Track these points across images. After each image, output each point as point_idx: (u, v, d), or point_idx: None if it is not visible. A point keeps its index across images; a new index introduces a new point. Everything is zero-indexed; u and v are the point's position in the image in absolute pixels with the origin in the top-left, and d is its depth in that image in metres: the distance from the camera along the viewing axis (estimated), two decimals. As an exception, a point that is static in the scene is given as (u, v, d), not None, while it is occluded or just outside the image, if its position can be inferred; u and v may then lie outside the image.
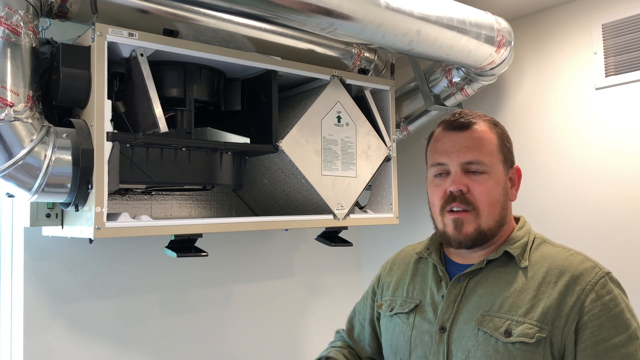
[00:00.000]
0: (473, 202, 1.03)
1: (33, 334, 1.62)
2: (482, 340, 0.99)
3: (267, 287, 2.22)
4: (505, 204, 1.07)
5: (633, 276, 1.84)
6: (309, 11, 1.37)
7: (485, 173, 1.04)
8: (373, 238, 2.64)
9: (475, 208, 1.03)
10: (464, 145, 1.05)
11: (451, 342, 1.03)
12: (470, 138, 1.06)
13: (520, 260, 1.04)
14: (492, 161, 1.05)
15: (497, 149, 1.06)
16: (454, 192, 1.04)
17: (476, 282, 1.06)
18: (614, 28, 1.95)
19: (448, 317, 1.05)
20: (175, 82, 1.53)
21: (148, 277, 1.88)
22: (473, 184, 1.03)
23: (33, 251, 1.63)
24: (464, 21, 1.68)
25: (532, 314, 0.97)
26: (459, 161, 1.05)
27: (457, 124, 1.08)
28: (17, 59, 1.25)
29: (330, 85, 1.78)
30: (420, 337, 1.08)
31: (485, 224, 1.04)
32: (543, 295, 0.98)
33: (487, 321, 1.00)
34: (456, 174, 1.04)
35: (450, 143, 1.07)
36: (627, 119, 1.91)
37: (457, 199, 1.04)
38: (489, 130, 1.07)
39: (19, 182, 1.25)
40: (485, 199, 1.03)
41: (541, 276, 1.01)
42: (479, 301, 1.03)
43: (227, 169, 1.58)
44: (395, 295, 1.20)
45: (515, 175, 1.10)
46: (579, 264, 1.00)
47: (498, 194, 1.05)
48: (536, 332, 0.95)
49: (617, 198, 1.92)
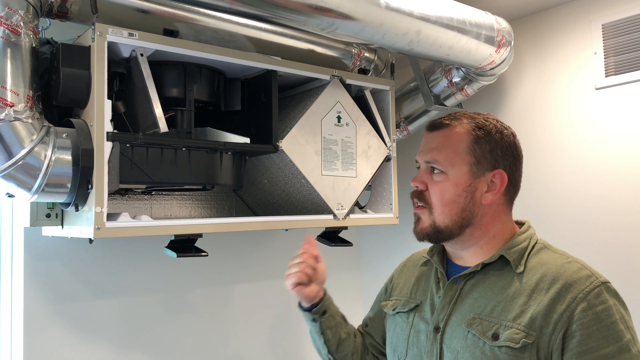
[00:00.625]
0: (427, 199, 1.09)
1: (33, 334, 1.62)
2: (471, 343, 1.00)
3: (267, 287, 2.22)
4: (469, 206, 1.06)
5: (633, 277, 1.84)
6: (309, 11, 1.37)
7: (443, 173, 1.07)
8: (373, 238, 2.64)
9: (429, 205, 1.08)
10: (430, 146, 1.11)
11: (443, 342, 1.04)
12: (436, 138, 1.11)
13: (517, 265, 1.04)
14: (453, 162, 1.06)
15: (464, 150, 1.06)
16: (413, 187, 1.12)
17: (472, 285, 1.07)
18: (614, 28, 1.95)
19: (442, 318, 1.07)
20: (175, 82, 1.53)
21: (148, 277, 1.88)
22: (431, 183, 1.09)
23: (33, 251, 1.63)
24: (464, 21, 1.68)
25: (520, 319, 0.97)
26: (422, 159, 1.11)
27: (431, 124, 1.13)
28: (17, 59, 1.25)
29: (330, 85, 1.78)
30: (417, 336, 1.11)
31: (440, 222, 1.07)
32: (534, 301, 0.98)
33: (476, 324, 1.01)
34: (419, 172, 1.12)
35: (424, 142, 1.14)
36: (627, 119, 1.91)
37: (415, 194, 1.11)
38: (463, 132, 1.08)
39: (19, 182, 1.25)
40: (438, 197, 1.07)
41: (534, 282, 1.01)
42: (472, 304, 1.04)
43: (227, 169, 1.58)
44: (400, 295, 1.24)
45: (497, 179, 1.07)
46: (574, 272, 0.99)
47: (454, 195, 1.06)
48: (522, 337, 0.95)
49: (617, 198, 1.92)
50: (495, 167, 1.07)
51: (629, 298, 1.03)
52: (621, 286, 1.04)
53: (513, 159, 1.10)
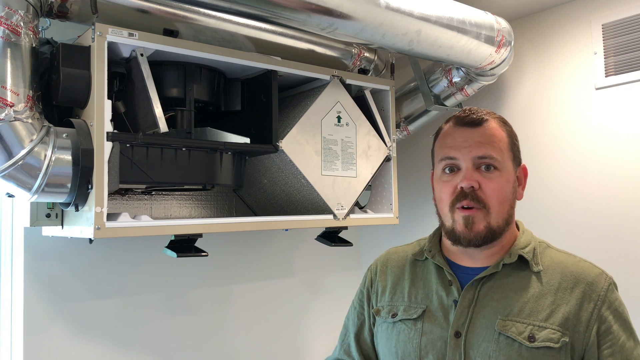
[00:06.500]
0: (484, 199, 1.01)
1: (33, 334, 1.62)
2: (504, 345, 0.97)
3: (267, 287, 2.22)
4: (513, 202, 1.06)
5: (632, 276, 1.84)
6: (309, 11, 1.37)
7: (497, 169, 1.02)
8: (373, 238, 2.64)
9: (486, 205, 1.01)
10: (476, 141, 1.03)
11: (468, 347, 1.00)
12: (482, 134, 1.04)
13: (534, 264, 1.04)
14: (504, 158, 1.04)
15: (508, 146, 1.06)
16: (465, 188, 1.01)
17: (490, 287, 1.03)
18: (614, 28, 1.95)
19: (463, 322, 1.02)
20: (175, 82, 1.54)
21: (148, 277, 1.88)
22: (484, 181, 1.01)
23: (33, 251, 1.63)
24: (464, 21, 1.68)
25: (553, 319, 0.97)
26: (471, 156, 1.02)
27: (469, 120, 1.05)
28: (17, 59, 1.25)
29: (330, 85, 1.78)
30: (432, 344, 1.04)
31: (495, 222, 1.01)
32: (561, 301, 0.99)
33: (509, 326, 0.98)
34: (468, 170, 1.02)
35: (462, 138, 1.04)
36: (627, 119, 1.91)
37: (468, 195, 1.01)
38: (500, 128, 1.07)
39: (19, 182, 1.25)
40: (496, 196, 1.01)
41: (557, 282, 1.01)
42: (496, 306, 1.01)
43: (227, 169, 1.58)
44: (394, 300, 1.15)
45: (522, 174, 1.09)
46: (589, 271, 1.02)
47: (508, 192, 1.03)
48: (560, 337, 0.95)
49: (616, 198, 1.92)
50: (520, 161, 1.10)
51: (629, 298, 1.04)
52: (621, 286, 1.05)
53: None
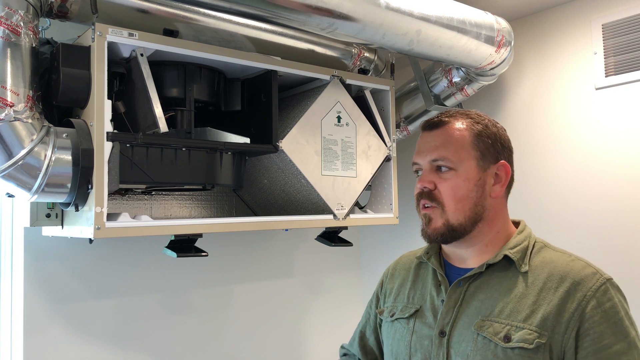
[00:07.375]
0: (439, 198, 1.06)
1: (33, 334, 1.62)
2: (481, 345, 0.99)
3: (267, 287, 2.22)
4: (480, 200, 1.06)
5: (632, 277, 1.84)
6: (309, 11, 1.37)
7: (453, 170, 1.06)
8: (373, 238, 2.64)
9: (440, 204, 1.06)
10: (432, 144, 1.09)
11: (450, 346, 1.03)
12: (439, 136, 1.09)
13: (521, 264, 1.04)
14: (461, 157, 1.06)
15: (470, 145, 1.07)
16: (422, 189, 1.08)
17: (476, 287, 1.06)
18: (614, 28, 1.95)
19: (448, 322, 1.05)
20: (175, 82, 1.54)
21: (148, 277, 1.88)
22: (440, 181, 1.06)
23: (33, 251, 1.63)
24: (464, 21, 1.68)
25: (532, 319, 0.97)
26: (427, 160, 1.09)
27: (428, 124, 1.12)
28: (17, 59, 1.25)
29: (330, 85, 1.78)
30: (420, 342, 1.08)
31: (453, 219, 1.05)
32: (543, 301, 0.98)
33: (486, 326, 1.00)
34: (424, 172, 1.09)
35: (423, 142, 1.11)
36: (627, 119, 1.91)
37: (424, 195, 1.08)
38: (463, 128, 1.08)
39: (19, 182, 1.25)
40: (451, 194, 1.05)
41: (542, 282, 1.01)
42: (479, 306, 1.03)
43: (227, 169, 1.58)
44: (396, 301, 1.20)
45: (502, 171, 1.09)
46: (580, 270, 1.00)
47: (467, 190, 1.05)
48: (535, 337, 0.95)
49: (616, 198, 1.92)
50: (498, 159, 1.09)
51: (629, 298, 1.03)
52: (621, 286, 1.04)
53: (509, 152, 1.12)
